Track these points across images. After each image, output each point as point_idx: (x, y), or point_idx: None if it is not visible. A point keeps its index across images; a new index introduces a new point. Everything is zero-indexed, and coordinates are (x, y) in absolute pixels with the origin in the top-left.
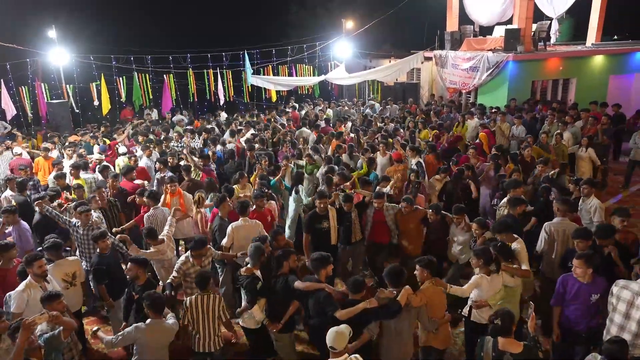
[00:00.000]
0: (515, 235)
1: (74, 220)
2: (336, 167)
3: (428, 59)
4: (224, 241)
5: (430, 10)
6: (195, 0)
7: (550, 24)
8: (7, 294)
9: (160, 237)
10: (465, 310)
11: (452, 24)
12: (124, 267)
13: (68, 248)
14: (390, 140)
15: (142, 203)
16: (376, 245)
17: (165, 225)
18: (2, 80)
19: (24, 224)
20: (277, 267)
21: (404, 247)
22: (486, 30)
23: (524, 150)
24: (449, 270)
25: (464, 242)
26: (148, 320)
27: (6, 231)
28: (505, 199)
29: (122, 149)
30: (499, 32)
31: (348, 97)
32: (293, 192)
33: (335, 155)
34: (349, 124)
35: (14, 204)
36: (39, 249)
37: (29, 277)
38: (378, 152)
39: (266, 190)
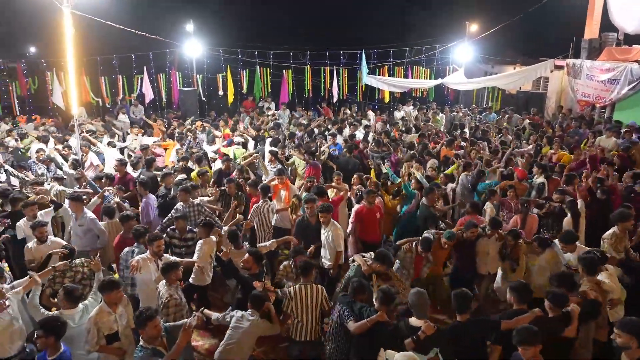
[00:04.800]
0: (577, 244)
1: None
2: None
3: (559, 67)
4: None
5: (566, 15)
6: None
7: None
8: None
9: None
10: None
11: (591, 30)
12: None
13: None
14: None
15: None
16: None
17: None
18: (145, 67)
19: (152, 196)
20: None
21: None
22: (632, 39)
23: None
24: (482, 283)
25: (494, 251)
26: (255, 316)
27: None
28: (612, 230)
29: (237, 138)
30: None
31: (464, 104)
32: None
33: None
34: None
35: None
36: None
37: (147, 252)
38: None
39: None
